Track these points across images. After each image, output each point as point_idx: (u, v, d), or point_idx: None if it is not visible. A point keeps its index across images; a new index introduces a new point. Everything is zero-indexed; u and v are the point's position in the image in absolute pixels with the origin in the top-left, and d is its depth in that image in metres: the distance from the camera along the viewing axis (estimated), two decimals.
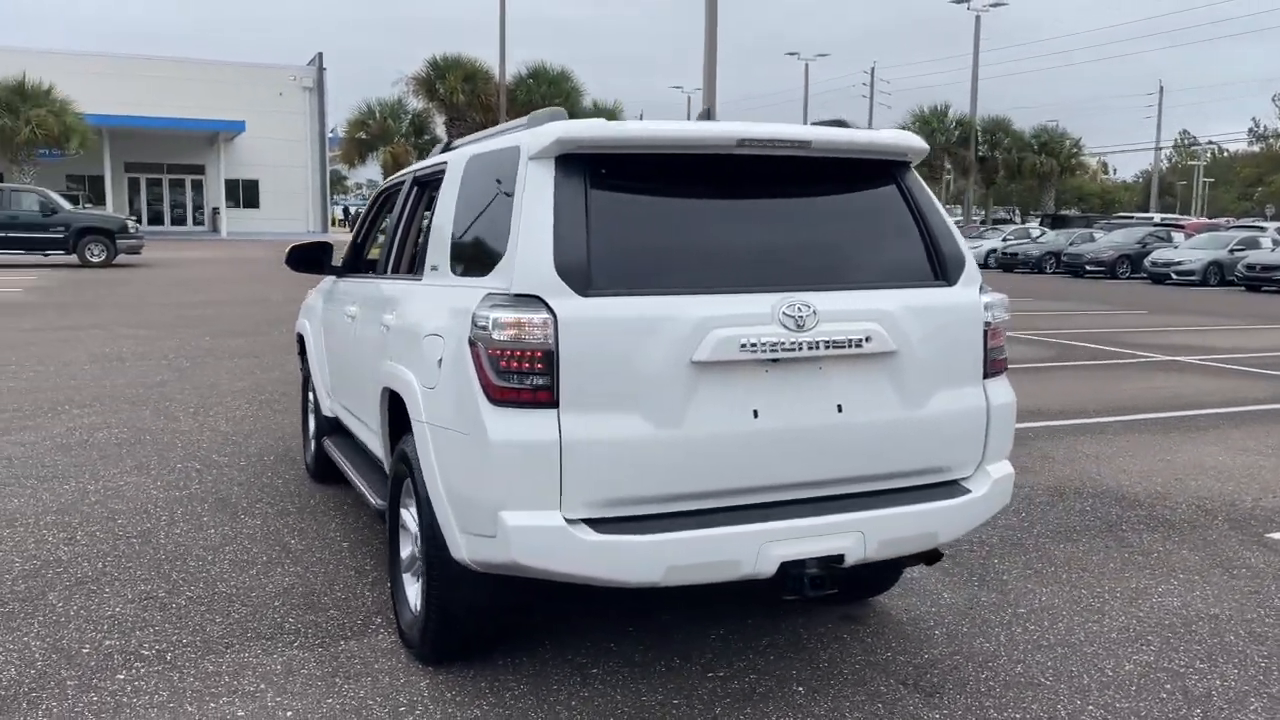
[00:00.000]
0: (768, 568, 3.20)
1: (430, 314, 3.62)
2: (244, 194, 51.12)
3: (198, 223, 50.35)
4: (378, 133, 39.70)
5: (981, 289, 3.70)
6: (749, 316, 3.18)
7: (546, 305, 3.05)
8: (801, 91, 68.27)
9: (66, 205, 26.91)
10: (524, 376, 3.03)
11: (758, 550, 3.17)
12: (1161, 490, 6.46)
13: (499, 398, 3.05)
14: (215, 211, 49.01)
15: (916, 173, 3.79)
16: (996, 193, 66.58)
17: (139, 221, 47.99)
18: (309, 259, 5.78)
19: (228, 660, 3.82)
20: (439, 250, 3.86)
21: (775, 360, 3.24)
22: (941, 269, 3.62)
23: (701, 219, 3.41)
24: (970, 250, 3.73)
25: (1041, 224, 44.22)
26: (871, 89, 69.36)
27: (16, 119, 34.42)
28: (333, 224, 55.96)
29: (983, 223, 50.38)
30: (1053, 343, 14.34)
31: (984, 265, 36.97)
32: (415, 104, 40.09)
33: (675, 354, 3.11)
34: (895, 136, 3.69)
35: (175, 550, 5.04)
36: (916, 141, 3.71)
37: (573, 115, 3.49)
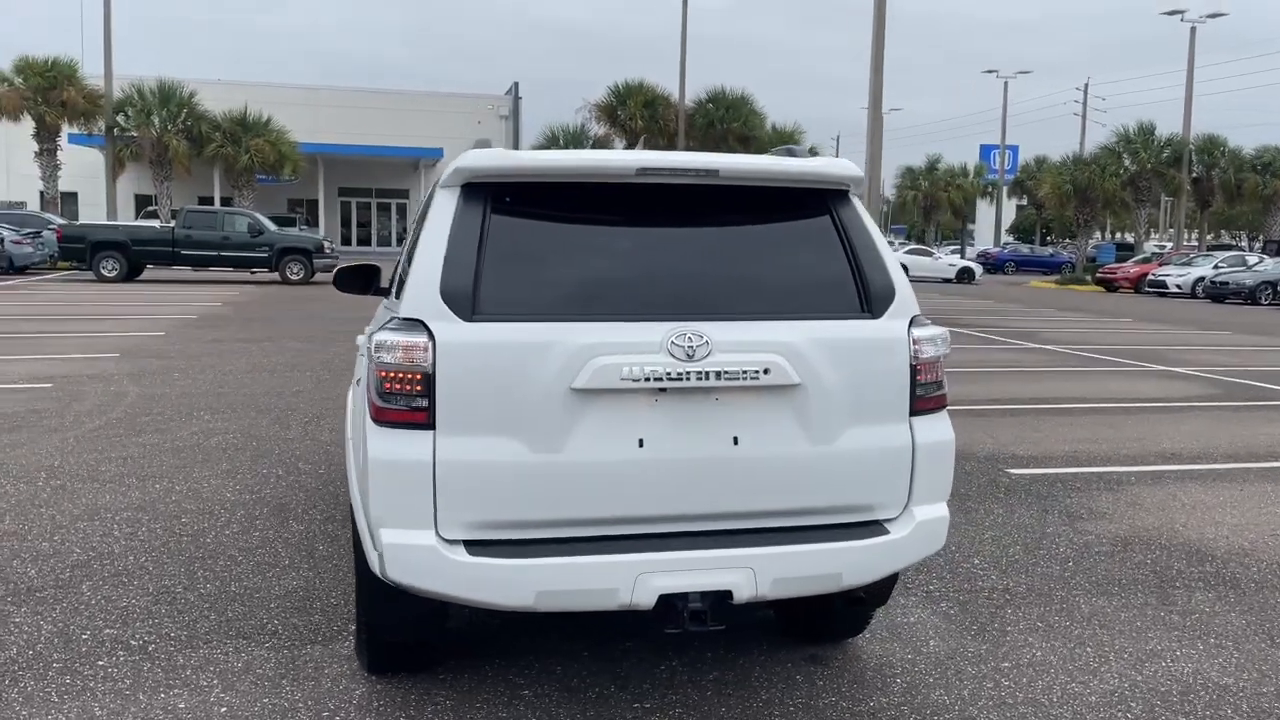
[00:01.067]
0: (646, 599, 3.17)
1: (366, 336, 3.80)
2: None
3: (400, 243, 53.41)
4: None
5: (915, 322, 3.53)
6: (635, 345, 3.18)
7: (428, 329, 3.15)
8: (1013, 109, 65.54)
9: (272, 226, 29.24)
10: (403, 398, 3.14)
11: (634, 580, 3.15)
12: (1246, 547, 5.88)
13: (380, 418, 3.17)
14: None
15: (857, 201, 3.66)
16: (1216, 217, 61.72)
17: (348, 243, 51.33)
18: (356, 279, 6.08)
19: (198, 655, 4.10)
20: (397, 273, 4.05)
21: (663, 390, 3.22)
22: (867, 301, 3.49)
23: (603, 247, 3.43)
24: (908, 284, 3.58)
25: (1264, 250, 40.69)
26: (1085, 106, 65.83)
27: (238, 148, 37.69)
28: None
29: (1196, 249, 46.85)
30: (1220, 380, 13.21)
31: (1190, 294, 34.38)
32: (597, 130, 41.24)
33: (555, 380, 3.14)
34: (824, 165, 3.58)
35: (213, 550, 5.43)
36: (850, 170, 3.59)
37: (750, 139, 3.64)
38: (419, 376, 3.12)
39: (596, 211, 3.43)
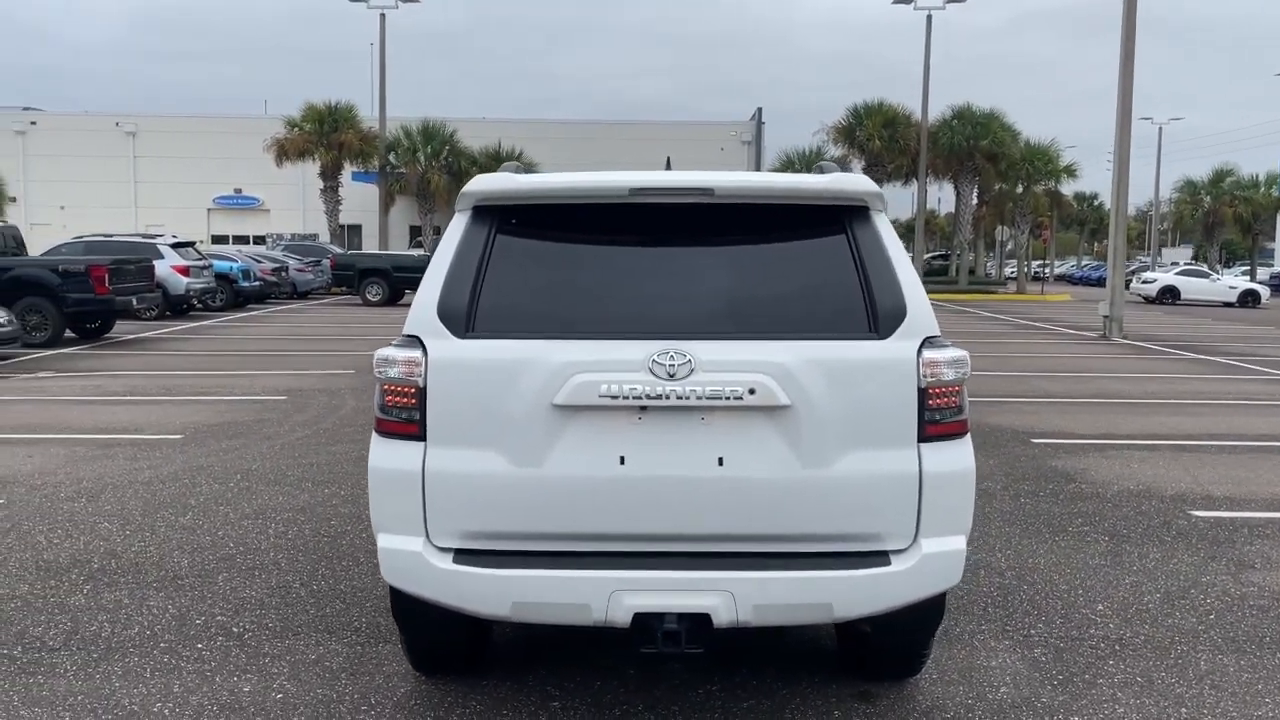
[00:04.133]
0: (620, 616, 3.17)
1: None
2: None
3: None
4: None
5: (930, 343, 3.33)
6: (617, 363, 3.20)
7: (423, 346, 3.32)
8: None
9: None
10: (399, 411, 3.32)
11: (609, 597, 3.16)
12: None
13: (380, 429, 3.37)
14: None
15: (879, 219, 3.50)
16: None
17: None
18: None
19: (282, 645, 4.46)
20: None
21: (644, 408, 3.22)
22: (874, 321, 3.33)
23: (598, 267, 3.48)
24: (925, 304, 3.38)
25: None
26: None
27: None
28: None
29: None
30: None
31: None
32: (833, 151, 40.67)
33: (538, 396, 3.22)
34: (835, 182, 3.46)
35: (345, 551, 5.86)
36: (864, 186, 3.45)
37: (999, 156, 3.67)
38: (413, 390, 3.29)
39: (595, 232, 3.50)
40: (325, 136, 39.35)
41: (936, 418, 3.33)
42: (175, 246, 23.41)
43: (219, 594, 5.10)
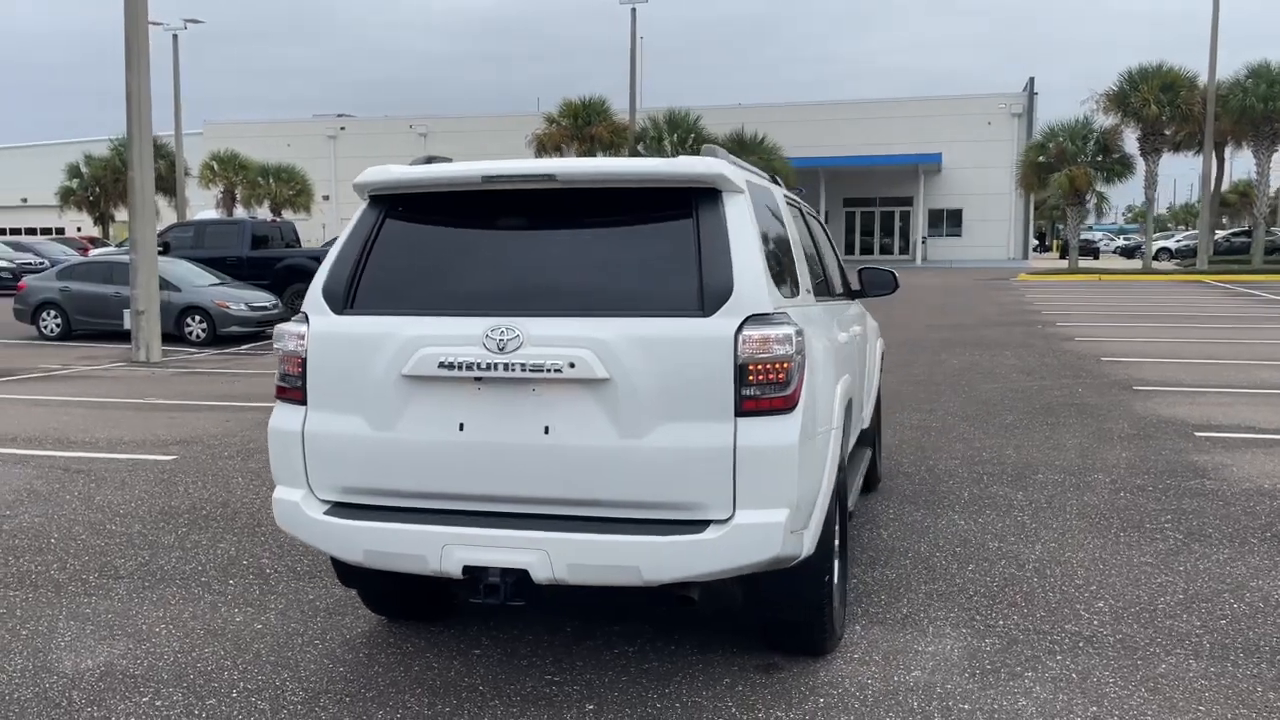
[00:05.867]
0: (452, 568, 3.48)
1: None
2: (947, 223, 52.86)
3: (903, 252, 53.33)
4: (1056, 155, 38.09)
5: (754, 321, 3.38)
6: (456, 337, 3.50)
7: (308, 321, 3.77)
8: None
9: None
10: (289, 378, 3.79)
11: (441, 550, 3.48)
12: None
13: (278, 395, 3.85)
14: (923, 241, 51.48)
15: (732, 200, 3.57)
16: None
17: (851, 252, 52.45)
18: None
19: (299, 586, 5.09)
20: None
21: (480, 379, 3.50)
22: (702, 299, 3.42)
23: (456, 248, 3.78)
24: (759, 283, 3.45)
25: None
26: None
27: None
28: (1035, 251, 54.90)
29: None
30: None
31: None
32: (1103, 121, 37.64)
33: (391, 367, 3.59)
34: (678, 165, 3.58)
35: None
36: (710, 169, 3.54)
37: None
38: (299, 360, 3.75)
39: (459, 217, 3.81)
40: (579, 130, 41.30)
41: (755, 393, 3.39)
42: None
43: (280, 541, 5.83)
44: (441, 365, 3.51)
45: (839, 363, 4.26)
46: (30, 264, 30.63)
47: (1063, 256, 48.63)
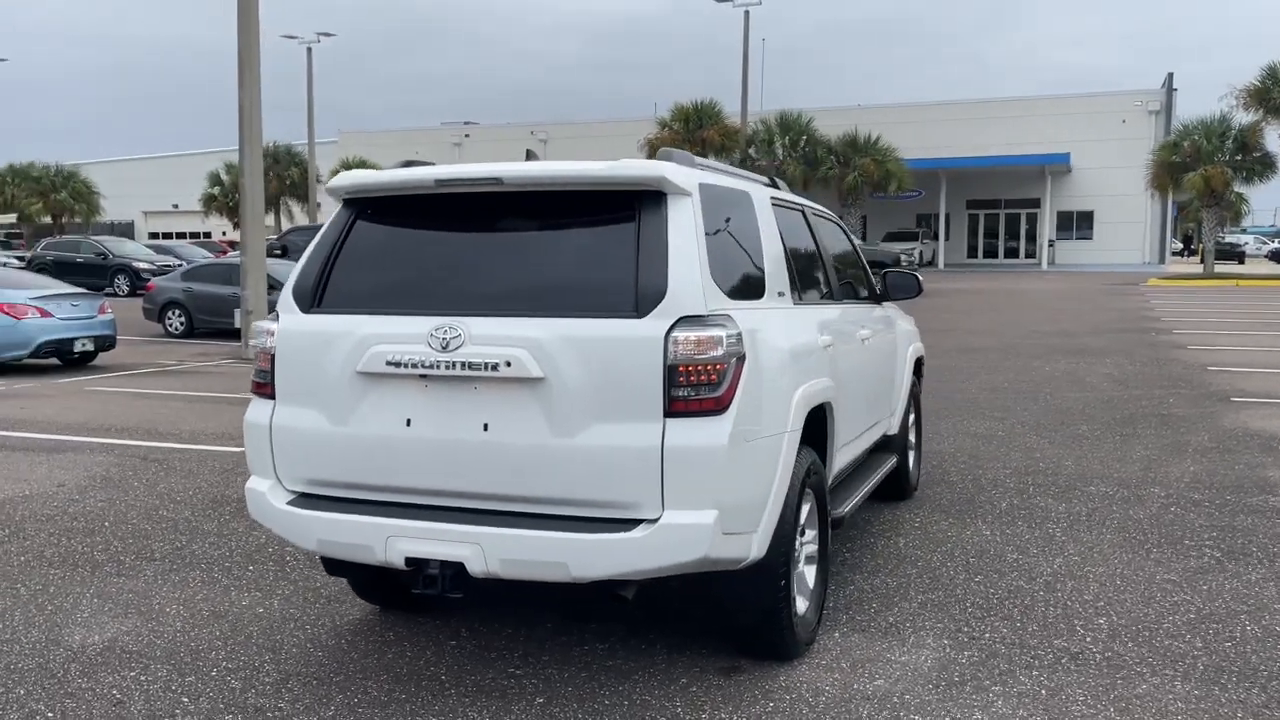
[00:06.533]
0: (396, 559, 3.60)
1: None
2: (1077, 225, 50.81)
3: (1029, 256, 51.49)
4: (1190, 154, 36.11)
5: (685, 323, 3.39)
6: (405, 336, 3.62)
7: (279, 318, 3.95)
8: None
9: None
10: (262, 373, 3.97)
11: (385, 542, 3.60)
12: None
13: (253, 390, 4.04)
14: (1050, 244, 49.64)
15: (677, 203, 3.59)
16: None
17: (974, 255, 51.08)
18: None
19: (313, 575, 5.31)
20: None
21: (425, 377, 3.60)
22: (637, 301, 3.45)
23: (412, 249, 3.93)
24: (695, 285, 3.48)
25: None
26: None
27: (846, 167, 40.00)
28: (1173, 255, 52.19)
29: None
30: None
31: None
32: (1242, 118, 35.51)
33: (347, 364, 3.73)
34: (619, 169, 3.62)
35: None
36: (651, 172, 3.58)
37: None
38: (270, 357, 3.94)
39: (417, 218, 3.94)
40: (690, 133, 41.35)
41: (685, 394, 3.39)
42: None
43: None
44: (389, 363, 3.64)
45: (810, 367, 4.20)
46: (169, 266, 32.51)
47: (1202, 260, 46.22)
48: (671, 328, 3.42)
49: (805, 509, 4.25)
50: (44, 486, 7.24)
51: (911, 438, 6.91)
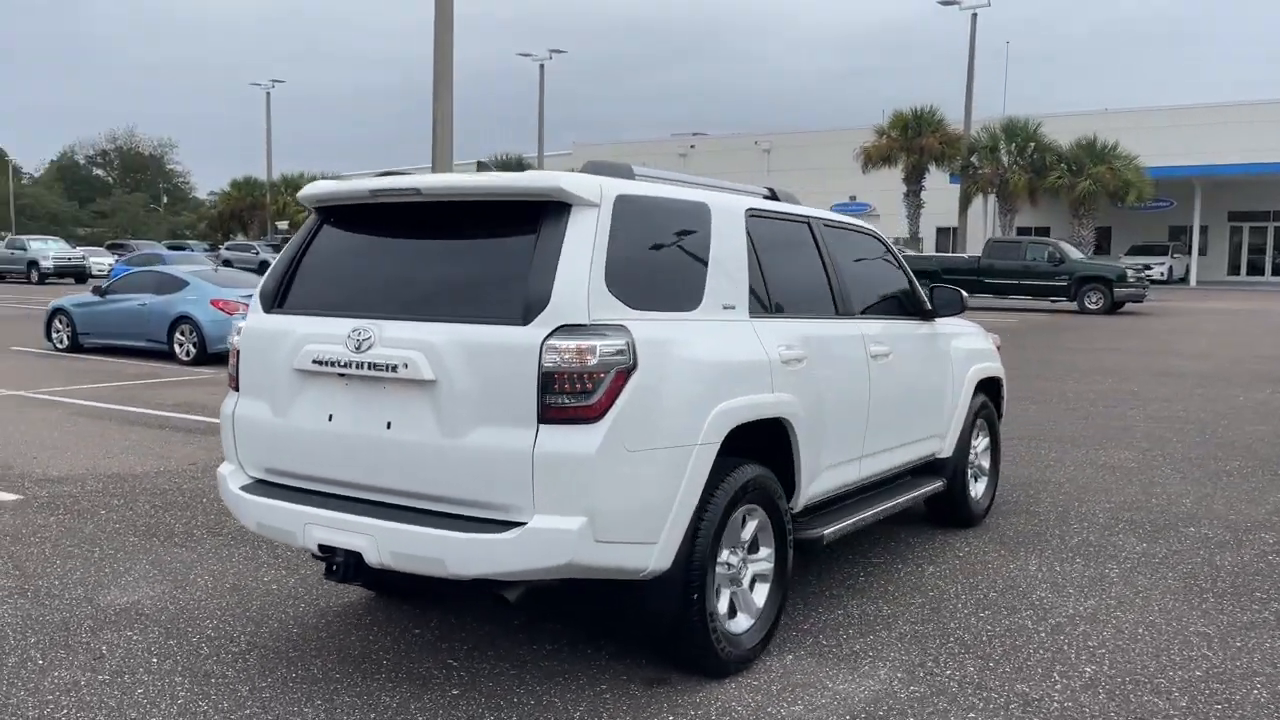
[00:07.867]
0: (311, 545, 3.85)
1: None
2: None
3: None
4: None
5: (564, 332, 3.43)
6: (330, 336, 3.86)
7: (246, 318, 4.29)
8: None
9: (1075, 255, 28.79)
10: (232, 367, 4.32)
11: (304, 529, 3.84)
12: None
13: (229, 384, 4.39)
14: None
15: (581, 214, 3.63)
16: None
17: (1236, 272, 46.66)
18: None
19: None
20: None
21: (344, 375, 3.82)
22: (525, 309, 3.52)
23: (353, 255, 4.18)
24: (579, 294, 3.52)
25: None
26: None
27: (1078, 176, 37.44)
28: None
29: None
30: None
31: None
32: None
33: (287, 361, 4.00)
34: (520, 180, 3.72)
35: None
36: (549, 183, 3.66)
37: None
38: (238, 353, 4.28)
39: (360, 225, 4.19)
40: (909, 141, 40.13)
41: (559, 401, 3.42)
42: None
43: None
44: (315, 361, 3.89)
45: (746, 381, 4.05)
46: None
47: None
48: (549, 336, 3.47)
49: (752, 525, 4.16)
50: (177, 464, 8.08)
51: (983, 463, 6.51)
